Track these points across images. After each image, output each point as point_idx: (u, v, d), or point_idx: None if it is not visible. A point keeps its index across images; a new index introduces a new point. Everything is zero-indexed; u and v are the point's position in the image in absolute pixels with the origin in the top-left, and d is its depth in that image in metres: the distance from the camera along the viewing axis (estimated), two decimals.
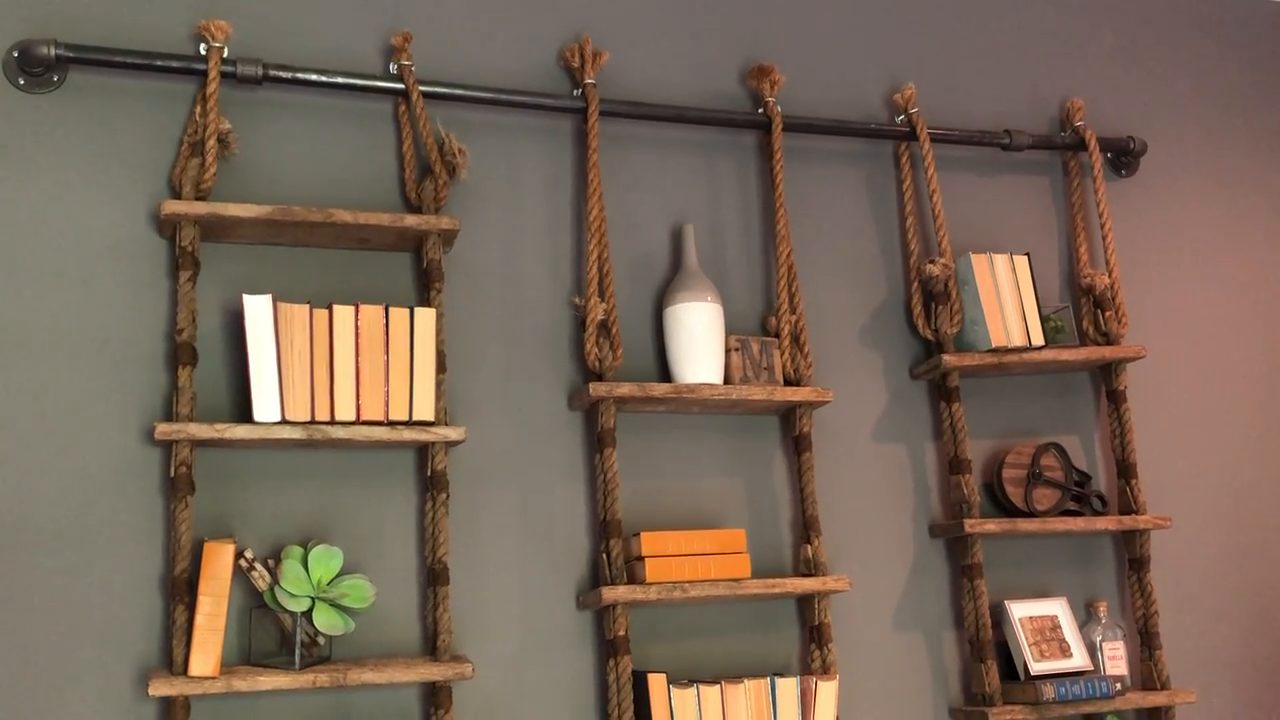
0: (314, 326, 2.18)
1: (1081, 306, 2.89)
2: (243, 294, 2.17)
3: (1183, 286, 3.09)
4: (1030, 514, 2.68)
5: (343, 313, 2.20)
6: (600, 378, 2.41)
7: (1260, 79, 3.33)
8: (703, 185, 2.71)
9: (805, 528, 2.51)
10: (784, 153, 2.73)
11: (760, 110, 2.73)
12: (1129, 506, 2.76)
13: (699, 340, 2.46)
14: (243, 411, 2.22)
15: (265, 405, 2.12)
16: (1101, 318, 2.85)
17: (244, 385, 2.22)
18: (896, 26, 2.98)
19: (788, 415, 2.62)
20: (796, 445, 2.56)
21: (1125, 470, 2.78)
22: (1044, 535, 2.74)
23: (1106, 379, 2.84)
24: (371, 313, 2.22)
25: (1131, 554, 2.75)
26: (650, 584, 2.29)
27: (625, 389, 2.37)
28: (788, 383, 2.55)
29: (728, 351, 2.51)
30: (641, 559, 2.32)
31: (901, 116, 2.86)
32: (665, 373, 2.55)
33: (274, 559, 2.16)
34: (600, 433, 2.39)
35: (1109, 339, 2.83)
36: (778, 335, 2.58)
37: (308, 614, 2.10)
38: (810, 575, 2.48)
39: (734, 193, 2.73)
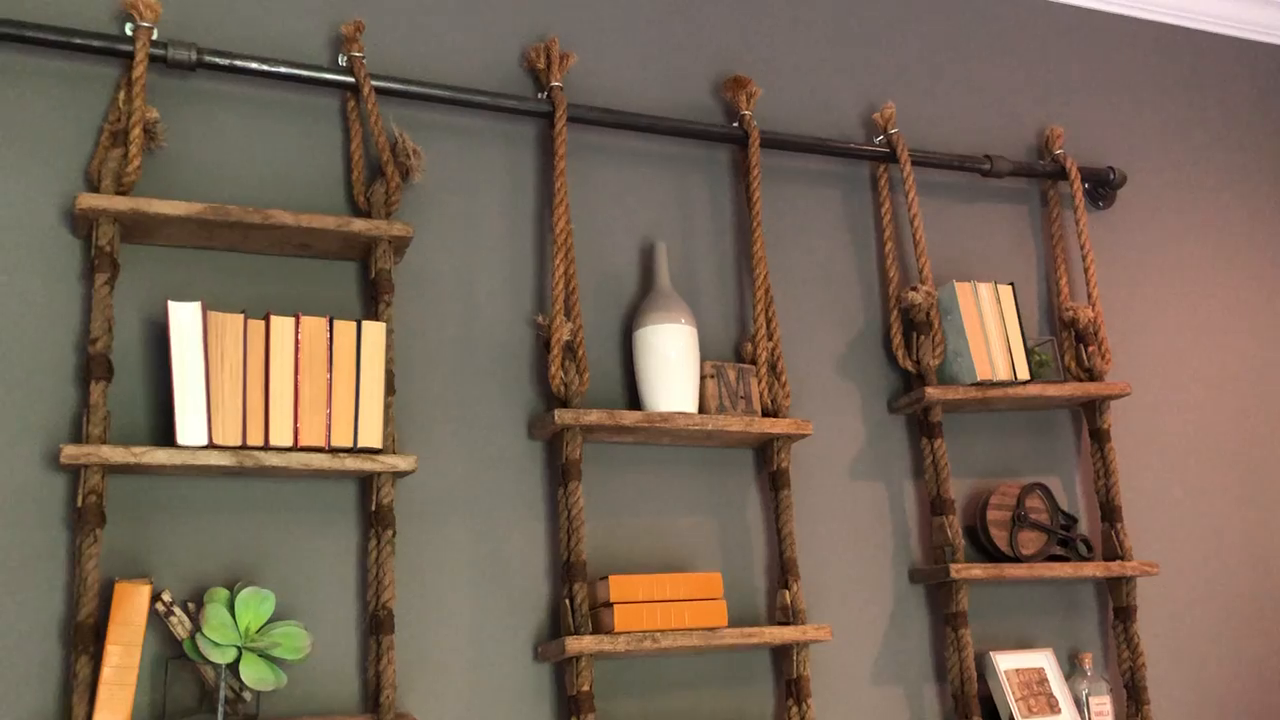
0: (248, 339, 1.94)
1: (1062, 341, 2.76)
2: (168, 300, 1.92)
3: (1162, 322, 2.98)
4: (1015, 559, 2.52)
5: (281, 324, 1.96)
6: (565, 404, 2.20)
7: (1236, 114, 3.26)
8: (673, 201, 2.52)
9: (783, 571, 2.32)
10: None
11: (736, 124, 2.56)
12: (1114, 552, 2.61)
13: (672, 365, 2.26)
14: (164, 434, 1.96)
15: (190, 427, 1.87)
16: (1084, 353, 2.71)
17: (166, 404, 1.96)
18: (870, 46, 2.84)
19: (763, 449, 2.43)
20: (773, 481, 2.36)
21: (1109, 513, 2.64)
22: (1030, 581, 2.58)
23: (1089, 417, 2.70)
24: (314, 325, 1.98)
25: (1117, 602, 2.59)
26: (619, 633, 2.07)
27: (594, 417, 2.16)
28: (765, 414, 2.36)
29: (703, 378, 2.32)
30: (609, 605, 2.10)
31: (880, 137, 2.71)
32: (632, 401, 2.35)
33: (196, 603, 1.89)
34: (565, 464, 2.17)
35: (1092, 375, 2.70)
36: (754, 363, 2.40)
37: (233, 666, 1.84)
38: (788, 624, 2.28)
39: (705, 210, 2.55)
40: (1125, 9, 3.16)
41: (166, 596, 1.86)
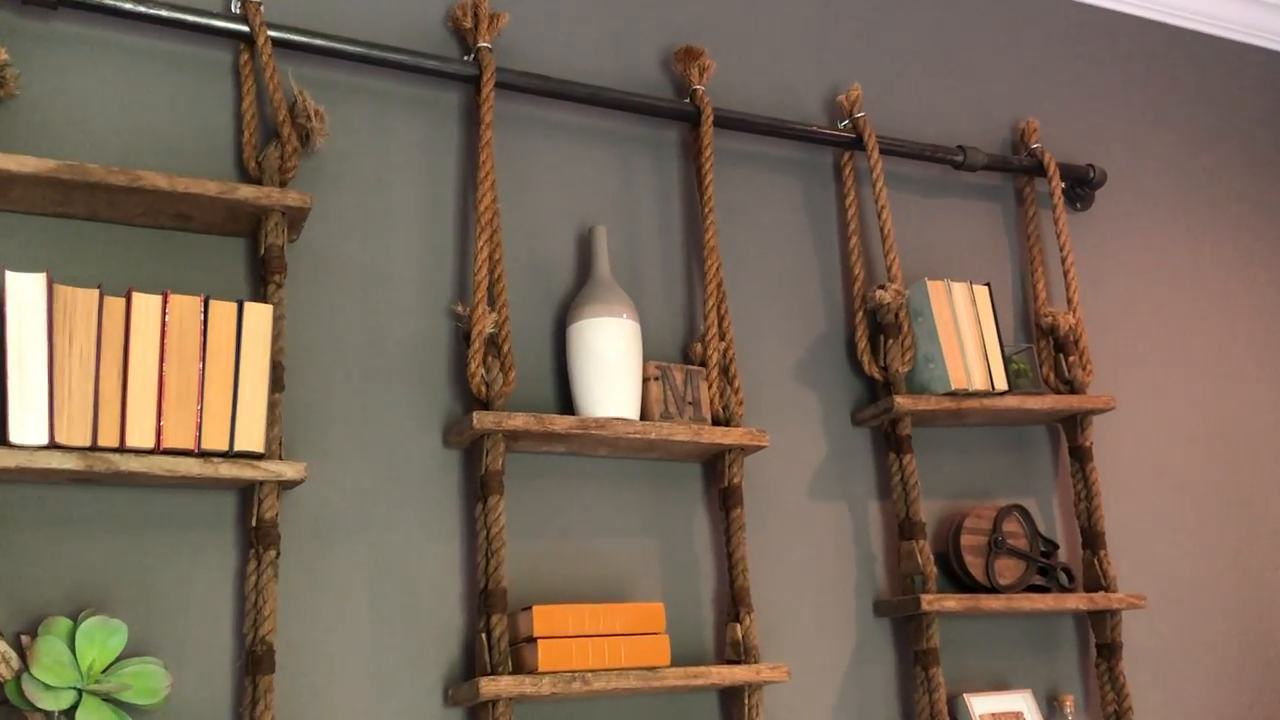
0: (104, 318, 1.62)
1: (1040, 349, 2.51)
2: (4, 270, 1.60)
3: (1142, 333, 2.74)
4: (992, 589, 2.25)
5: (145, 303, 1.65)
6: (487, 406, 1.90)
7: (1221, 117, 3.05)
8: (614, 184, 2.25)
9: (733, 602, 2.03)
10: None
11: (687, 100, 2.29)
12: (1096, 582, 2.36)
13: (611, 365, 1.98)
14: None
15: (27, 422, 1.55)
16: (1064, 363, 2.47)
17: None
18: (831, 23, 2.59)
19: (712, 463, 2.14)
20: (724, 499, 2.08)
21: (1091, 540, 2.39)
22: (1007, 615, 2.31)
23: (1069, 433, 2.46)
24: (185, 305, 1.67)
25: (1101, 638, 2.34)
26: (543, 674, 1.77)
27: (519, 421, 1.86)
28: (715, 422, 2.08)
29: (645, 380, 2.03)
30: (533, 640, 1.80)
31: (845, 121, 2.45)
32: (564, 405, 2.06)
33: (28, 634, 1.56)
34: (484, 476, 1.87)
35: (1073, 387, 2.45)
36: (704, 364, 2.12)
37: (70, 713, 1.51)
38: (740, 662, 1.99)
39: (651, 195, 2.28)
40: (1105, 1, 2.95)
41: None
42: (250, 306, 1.71)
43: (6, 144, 1.75)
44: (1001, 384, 2.30)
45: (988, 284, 2.38)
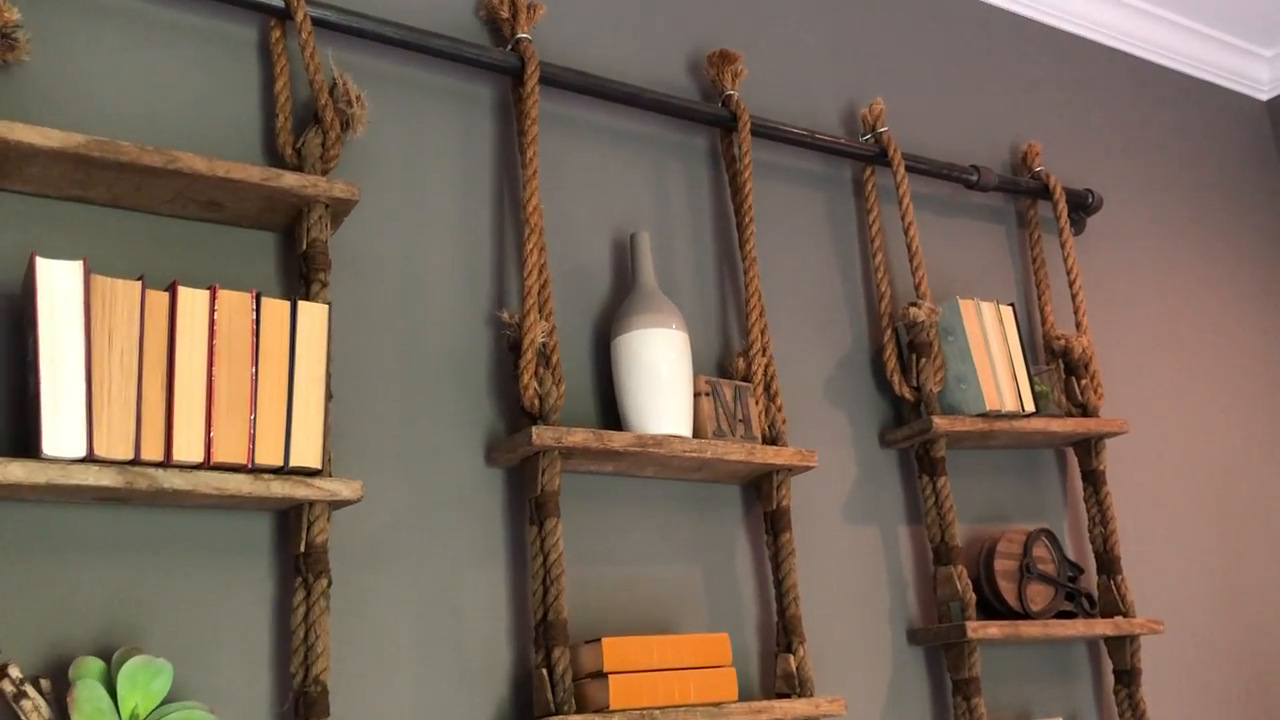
0: (147, 315, 1.43)
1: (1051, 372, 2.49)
2: (35, 255, 1.39)
3: (1136, 356, 2.76)
4: (1025, 615, 2.21)
5: (192, 298, 1.46)
6: (536, 421, 1.76)
7: (1209, 156, 3.11)
8: (647, 190, 2.13)
9: (784, 631, 1.93)
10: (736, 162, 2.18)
11: (721, 104, 2.19)
12: (1114, 607, 2.34)
13: (664, 379, 1.85)
14: (21, 441, 1.42)
15: (64, 432, 1.34)
16: (1076, 386, 2.45)
17: (26, 401, 1.43)
18: (846, 42, 2.53)
19: (754, 484, 2.04)
20: (771, 523, 1.98)
21: (1108, 564, 2.37)
22: (1043, 642, 2.27)
23: (1082, 457, 2.44)
24: (234, 302, 1.49)
25: (1119, 664, 2.32)
26: (613, 712, 1.63)
27: (579, 437, 1.73)
28: (764, 441, 1.98)
29: (696, 396, 1.92)
30: (599, 676, 1.66)
31: (867, 135, 2.40)
32: (606, 420, 1.93)
33: (57, 678, 1.35)
34: (539, 497, 1.73)
35: (1085, 410, 2.44)
36: (748, 380, 2.02)
37: None
38: (794, 695, 1.88)
39: (683, 203, 2.17)
40: (1104, 38, 2.99)
41: (15, 671, 1.32)
42: (304, 306, 1.53)
43: (12, 114, 1.54)
44: (1029, 405, 2.27)
45: (1011, 304, 2.35)
